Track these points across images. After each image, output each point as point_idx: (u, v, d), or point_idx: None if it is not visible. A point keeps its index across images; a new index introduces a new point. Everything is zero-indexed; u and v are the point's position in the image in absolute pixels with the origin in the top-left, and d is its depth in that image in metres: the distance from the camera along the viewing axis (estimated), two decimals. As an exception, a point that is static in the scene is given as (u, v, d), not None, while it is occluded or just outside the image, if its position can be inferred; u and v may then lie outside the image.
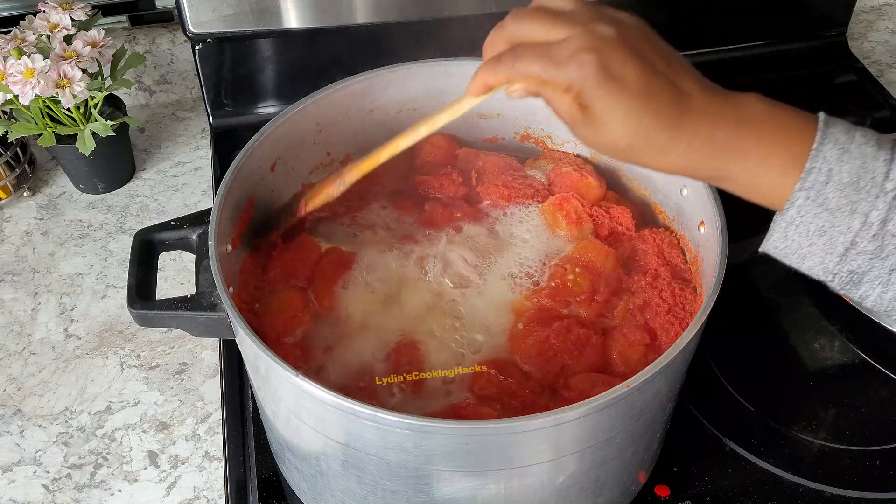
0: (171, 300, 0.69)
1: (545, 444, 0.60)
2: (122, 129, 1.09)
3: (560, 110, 0.57)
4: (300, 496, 0.77)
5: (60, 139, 1.01)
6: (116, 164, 1.12)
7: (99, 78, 1.01)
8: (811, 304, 0.96)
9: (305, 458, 0.69)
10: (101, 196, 1.12)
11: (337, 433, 0.62)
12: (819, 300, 0.96)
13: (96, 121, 1.01)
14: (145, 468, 0.84)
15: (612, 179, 0.86)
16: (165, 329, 0.95)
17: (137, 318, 0.70)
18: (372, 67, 0.83)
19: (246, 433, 0.84)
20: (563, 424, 0.58)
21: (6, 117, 1.05)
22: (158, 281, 0.73)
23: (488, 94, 0.61)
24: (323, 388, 0.58)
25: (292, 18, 1.06)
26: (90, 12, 1.01)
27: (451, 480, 0.62)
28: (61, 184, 1.13)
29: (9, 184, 1.09)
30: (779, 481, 0.80)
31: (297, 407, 0.63)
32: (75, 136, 1.01)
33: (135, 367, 0.93)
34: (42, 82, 0.93)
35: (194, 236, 0.73)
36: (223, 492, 0.82)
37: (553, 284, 0.76)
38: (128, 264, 0.72)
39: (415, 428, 0.57)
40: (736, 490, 0.79)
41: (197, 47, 1.08)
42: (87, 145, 1.00)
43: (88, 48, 0.98)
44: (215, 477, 0.83)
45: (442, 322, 0.74)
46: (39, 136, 1.00)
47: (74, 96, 0.96)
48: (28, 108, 0.98)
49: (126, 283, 0.76)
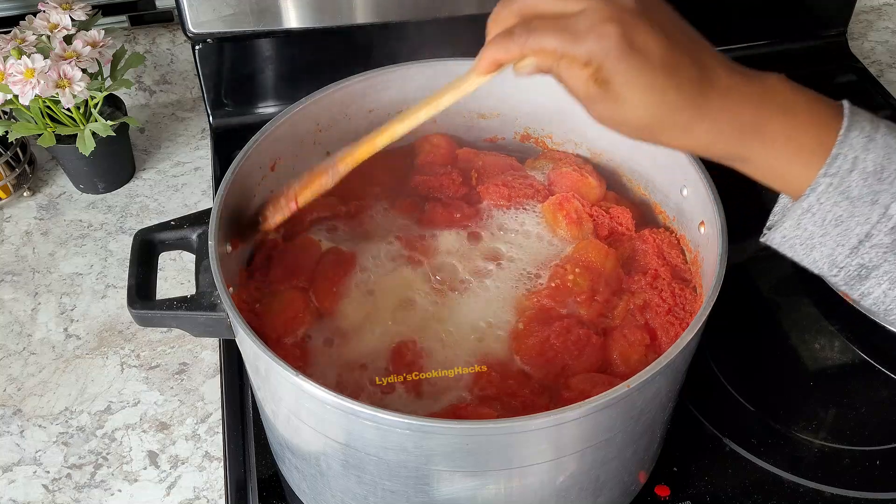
0: (171, 300, 0.69)
1: (545, 444, 0.60)
2: (122, 129, 1.09)
3: (575, 87, 0.55)
4: (300, 496, 0.77)
5: (60, 139, 1.01)
6: (116, 164, 1.12)
7: (99, 78, 1.01)
8: (811, 304, 0.96)
9: (305, 458, 0.69)
10: (101, 196, 1.12)
11: (337, 433, 0.62)
12: (819, 300, 0.96)
13: (96, 121, 1.01)
14: (145, 468, 0.84)
15: (612, 179, 0.86)
16: (165, 329, 0.95)
17: (137, 318, 0.70)
18: (372, 67, 0.83)
19: (246, 433, 0.84)
20: (564, 424, 0.58)
21: (6, 117, 1.05)
22: (158, 281, 0.73)
23: (496, 71, 0.58)
24: (323, 388, 0.58)
25: (292, 18, 1.06)
26: (90, 12, 1.01)
27: (451, 480, 0.62)
28: (61, 184, 1.13)
29: (9, 184, 1.09)
30: (779, 481, 0.80)
31: (297, 407, 0.63)
32: (75, 136, 1.01)
33: (135, 367, 0.93)
34: (42, 82, 0.93)
35: (194, 236, 0.73)
36: (223, 492, 0.82)
37: (553, 284, 0.76)
38: (128, 264, 0.72)
39: (415, 428, 0.57)
40: (736, 490, 0.79)
41: (197, 47, 1.08)
42: (87, 145, 1.00)
43: (88, 48, 0.98)
44: (215, 477, 0.83)
45: (442, 322, 0.74)
46: (39, 136, 1.00)
47: (74, 96, 0.96)
48: (28, 108, 0.98)
49: (126, 283, 0.76)
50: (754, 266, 1.00)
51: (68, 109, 1.00)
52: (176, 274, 1.02)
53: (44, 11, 0.99)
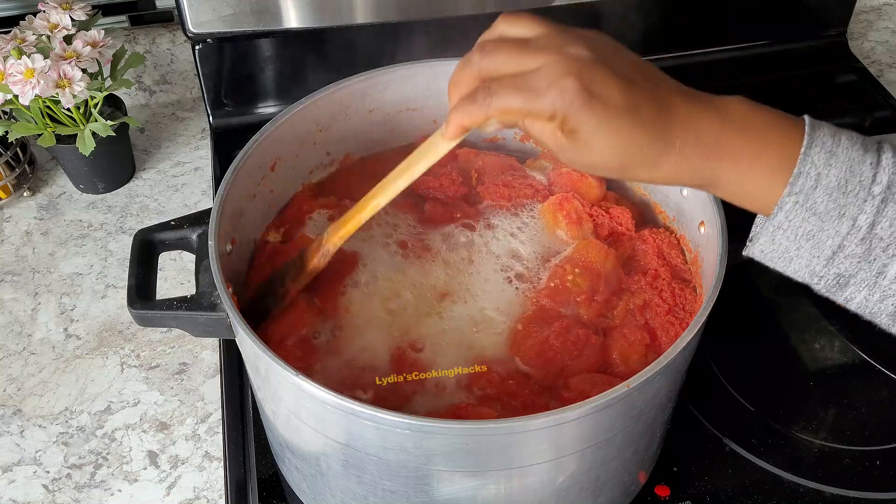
0: (171, 300, 0.69)
1: (545, 444, 0.60)
2: (122, 129, 1.09)
3: (543, 138, 0.56)
4: (300, 496, 0.77)
5: (60, 139, 1.01)
6: (116, 164, 1.12)
7: (99, 78, 1.01)
8: (811, 304, 0.96)
9: (305, 458, 0.69)
10: (101, 196, 1.12)
11: (337, 433, 0.62)
12: (819, 300, 0.94)
13: (96, 121, 1.01)
14: (145, 468, 0.84)
15: (612, 180, 0.86)
16: (165, 329, 0.95)
17: (137, 318, 0.70)
18: (372, 67, 0.83)
19: (246, 433, 0.84)
20: (564, 424, 0.58)
21: (6, 117, 1.05)
22: (158, 281, 0.73)
23: (465, 134, 0.60)
24: (323, 388, 0.58)
25: (292, 18, 1.06)
26: (90, 12, 1.01)
27: (451, 480, 0.62)
28: (61, 184, 1.13)
29: (9, 184, 1.09)
30: (779, 481, 0.80)
31: (297, 407, 0.63)
32: (75, 136, 1.01)
33: (135, 367, 0.93)
34: (42, 82, 0.93)
35: (194, 236, 0.73)
36: (223, 492, 0.82)
37: (553, 284, 0.76)
38: (128, 264, 0.72)
39: (415, 428, 0.57)
40: (736, 490, 0.79)
41: (197, 47, 1.08)
42: (87, 145, 1.00)
43: (88, 48, 0.98)
44: (215, 477, 0.83)
45: (442, 322, 0.74)
46: (39, 136, 1.00)
47: (74, 96, 0.96)
48: (28, 108, 0.98)
49: (126, 283, 0.76)
50: (754, 266, 0.98)
51: (68, 109, 1.00)
52: (176, 274, 1.02)
53: (44, 11, 0.99)
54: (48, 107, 0.99)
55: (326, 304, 0.75)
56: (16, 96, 0.95)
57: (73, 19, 0.99)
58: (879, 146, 0.55)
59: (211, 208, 0.70)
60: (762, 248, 0.58)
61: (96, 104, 1.01)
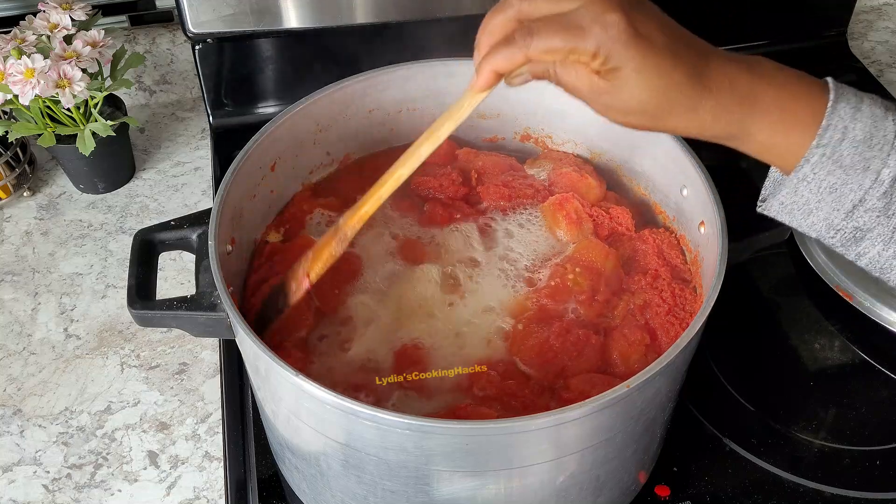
0: (171, 300, 0.69)
1: (545, 444, 0.60)
2: (122, 129, 1.09)
3: (578, 83, 0.55)
4: (300, 496, 0.77)
5: (60, 139, 1.01)
6: (116, 164, 1.12)
7: (99, 78, 1.01)
8: (811, 304, 0.96)
9: (305, 458, 0.69)
10: (101, 196, 1.12)
11: (337, 433, 0.62)
12: (819, 300, 0.96)
13: (96, 121, 1.01)
14: (145, 468, 0.84)
15: (612, 179, 0.86)
16: (165, 329, 0.95)
17: (137, 318, 0.70)
18: (372, 67, 0.83)
19: (246, 433, 0.84)
20: (564, 424, 0.58)
21: (6, 117, 1.05)
22: (158, 281, 0.73)
23: (496, 84, 0.58)
24: (323, 388, 0.58)
25: (292, 18, 1.06)
26: (90, 12, 1.01)
27: (451, 480, 0.62)
28: (61, 184, 1.13)
29: (9, 184, 1.09)
30: (779, 481, 0.80)
31: (297, 407, 0.63)
32: (75, 136, 1.01)
33: (135, 367, 0.93)
34: (42, 82, 0.93)
35: (194, 236, 0.73)
36: (223, 492, 0.82)
37: (553, 284, 0.76)
38: (128, 264, 0.72)
39: (415, 428, 0.57)
40: (736, 490, 0.79)
41: (197, 47, 1.08)
42: (87, 145, 1.00)
43: (88, 48, 0.98)
44: (215, 477, 0.83)
45: (442, 322, 0.74)
46: (39, 136, 1.00)
47: (74, 96, 0.96)
48: (28, 108, 0.98)
49: (126, 283, 0.76)
50: (754, 266, 1.00)
51: (68, 109, 1.00)
52: (176, 274, 1.02)
53: (44, 11, 0.99)
54: (48, 107, 0.99)
55: (326, 304, 0.75)
56: (16, 96, 0.95)
57: (73, 19, 0.99)
58: None
59: (211, 208, 0.70)
60: (783, 200, 0.58)
61: (96, 104, 1.01)
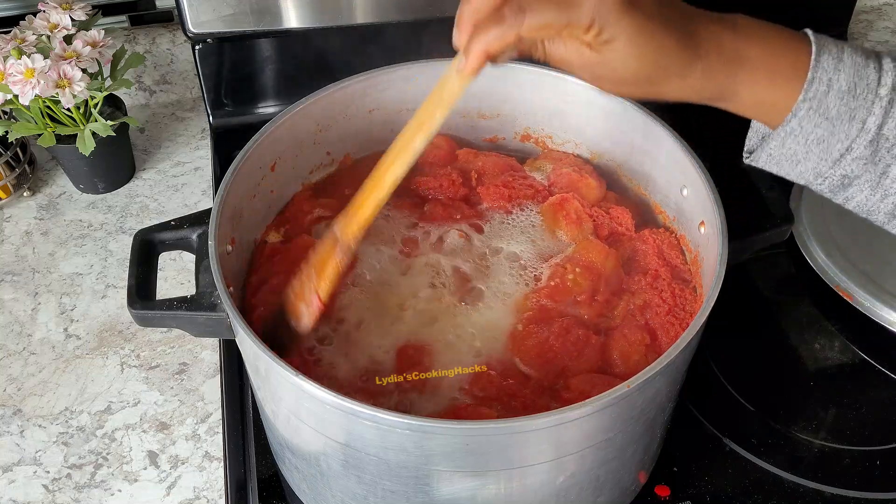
0: (171, 300, 0.69)
1: (545, 444, 0.60)
2: (122, 129, 1.09)
3: (569, 57, 0.56)
4: (300, 496, 0.77)
5: (60, 139, 1.01)
6: (116, 164, 1.12)
7: (99, 78, 1.01)
8: (811, 304, 0.96)
9: (305, 458, 0.69)
10: (101, 196, 1.12)
11: (337, 433, 0.62)
12: (819, 300, 0.96)
13: (96, 121, 1.01)
14: (145, 468, 0.84)
15: (612, 180, 0.86)
16: (165, 329, 0.95)
17: (137, 318, 0.70)
18: (372, 67, 0.83)
19: (246, 433, 0.84)
20: (564, 424, 0.58)
21: (6, 117, 1.05)
22: (158, 281, 0.73)
23: (484, 66, 0.57)
24: (323, 388, 0.58)
25: (292, 18, 1.06)
26: (90, 12, 1.01)
27: (451, 480, 0.62)
28: (61, 184, 1.13)
29: (9, 184, 1.09)
30: (779, 481, 0.80)
31: (297, 407, 0.63)
32: (75, 136, 1.01)
33: (135, 367, 0.93)
34: (42, 82, 0.93)
35: (194, 236, 0.73)
36: (223, 492, 0.82)
37: (553, 284, 0.76)
38: (128, 264, 0.72)
39: (415, 428, 0.57)
40: (736, 490, 0.79)
41: (197, 47, 1.08)
42: (87, 145, 1.00)
43: (88, 48, 0.98)
44: (215, 477, 0.83)
45: (442, 322, 0.74)
46: (39, 136, 1.00)
47: (74, 96, 0.96)
48: (28, 108, 0.98)
49: (126, 283, 0.76)
50: (754, 266, 1.00)
51: (68, 109, 1.00)
52: (176, 274, 1.02)
53: (44, 11, 0.99)
54: (48, 107, 0.99)
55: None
56: (16, 96, 0.95)
57: (73, 19, 0.99)
58: (877, 53, 0.57)
59: (211, 208, 0.70)
60: (770, 153, 0.59)
61: (96, 104, 1.01)
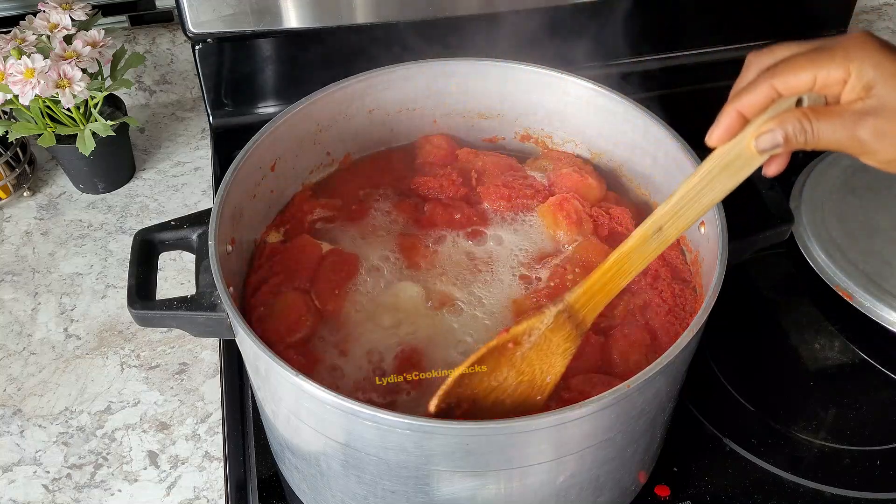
0: (171, 300, 0.69)
1: (546, 444, 0.60)
2: (122, 129, 1.09)
3: (839, 133, 0.54)
4: (300, 496, 0.77)
5: (60, 139, 1.01)
6: (116, 164, 1.12)
7: (99, 78, 1.01)
8: (811, 304, 0.96)
9: (305, 458, 0.69)
10: (101, 196, 1.12)
11: (337, 433, 0.62)
12: (819, 300, 0.96)
13: (96, 121, 1.01)
14: (145, 468, 0.84)
15: (612, 180, 0.86)
16: (165, 329, 0.95)
17: (137, 318, 0.70)
18: (372, 67, 0.83)
19: (246, 433, 0.84)
20: (564, 425, 0.58)
21: (6, 117, 1.05)
22: (158, 281, 0.73)
23: (737, 132, 0.56)
24: (323, 388, 0.58)
25: (292, 18, 1.06)
26: (90, 12, 1.01)
27: (451, 480, 0.62)
28: (61, 184, 1.13)
29: (9, 184, 1.09)
30: (779, 481, 0.80)
31: (297, 407, 0.63)
32: (75, 136, 1.01)
33: (135, 367, 0.93)
34: (42, 82, 0.93)
35: (194, 236, 0.73)
36: (223, 492, 0.82)
37: (553, 284, 0.76)
38: (128, 264, 0.72)
39: (415, 428, 0.57)
40: (736, 490, 0.79)
41: (197, 47, 1.08)
42: (87, 145, 1.00)
43: (88, 48, 0.98)
44: (215, 477, 0.83)
45: (442, 322, 0.74)
46: (39, 136, 1.00)
47: (74, 96, 0.96)
48: (28, 108, 0.98)
49: (126, 283, 0.76)
50: (754, 266, 1.00)
51: (68, 109, 1.00)
52: (176, 274, 1.02)
53: (44, 11, 0.99)
54: (48, 107, 0.99)
55: (326, 304, 0.75)
56: (16, 96, 0.95)
57: (73, 19, 0.99)
58: None
59: (211, 208, 0.70)
60: None
61: (96, 104, 1.01)
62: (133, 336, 0.96)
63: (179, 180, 1.14)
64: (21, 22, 1.01)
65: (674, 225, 0.61)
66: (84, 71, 0.97)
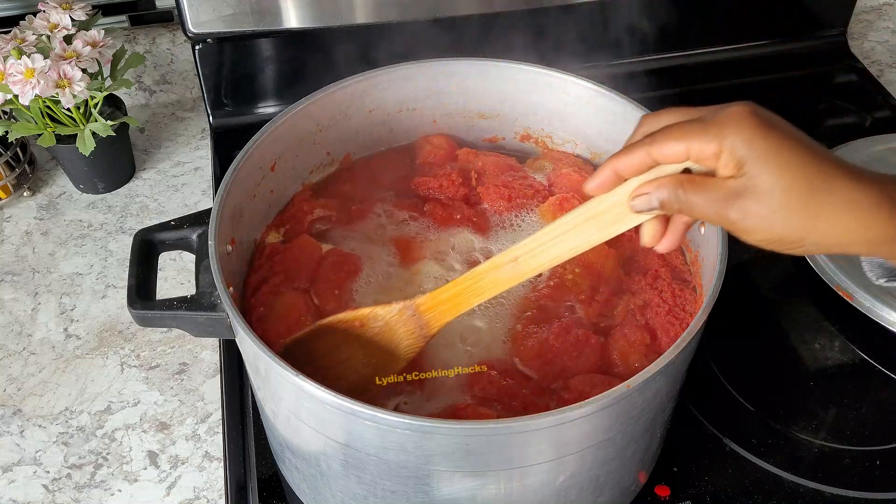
0: (171, 300, 0.69)
1: (545, 444, 0.60)
2: (122, 129, 1.09)
3: (709, 208, 0.52)
4: (300, 496, 0.77)
5: (60, 139, 1.01)
6: (116, 164, 1.12)
7: (99, 78, 1.01)
8: (811, 304, 0.96)
9: (305, 458, 0.69)
10: (101, 196, 1.12)
11: (337, 433, 0.62)
12: (819, 300, 0.96)
13: (96, 121, 1.01)
14: (145, 468, 0.84)
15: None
16: (165, 329, 0.95)
17: (137, 318, 0.70)
18: (372, 67, 0.83)
19: (246, 433, 0.84)
20: (564, 424, 0.58)
21: (6, 117, 1.05)
22: (158, 281, 0.73)
23: (611, 187, 0.56)
24: (323, 388, 0.58)
25: (292, 18, 1.06)
26: (90, 12, 1.01)
27: (451, 480, 0.62)
28: (61, 184, 1.13)
29: (9, 184, 1.09)
30: (779, 481, 0.80)
31: (297, 407, 0.63)
32: (75, 136, 1.01)
33: (135, 367, 0.93)
34: (42, 82, 0.93)
35: (194, 236, 0.73)
36: (223, 492, 0.82)
37: (553, 284, 0.76)
38: (128, 264, 0.72)
39: (415, 428, 0.57)
40: (736, 490, 0.79)
41: (197, 47, 1.08)
42: (87, 145, 1.00)
43: (88, 48, 0.98)
44: (215, 477, 0.83)
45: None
46: (39, 136, 1.00)
47: (74, 96, 0.96)
48: (28, 108, 0.98)
49: (126, 283, 0.76)
50: (754, 266, 1.00)
51: (68, 109, 1.00)
52: (176, 274, 1.02)
53: (44, 11, 0.99)
54: (48, 107, 0.99)
55: (326, 305, 0.75)
56: (16, 96, 0.95)
57: (73, 19, 0.99)
58: None
59: (211, 208, 0.70)
60: None
61: (96, 104, 1.01)
62: (133, 336, 0.96)
63: (179, 180, 1.14)
64: (21, 22, 1.01)
65: (531, 259, 0.62)
66: (84, 71, 0.97)
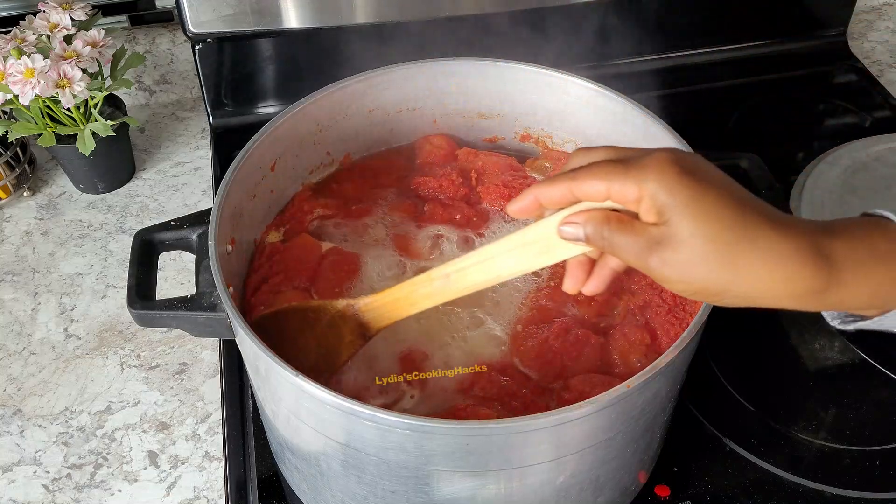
0: (171, 300, 0.69)
1: (545, 444, 0.60)
2: (122, 129, 1.09)
3: (629, 252, 0.51)
4: (300, 496, 0.77)
5: (60, 139, 1.01)
6: (116, 164, 1.12)
7: (99, 78, 1.01)
8: (811, 304, 0.96)
9: (305, 458, 0.69)
10: (101, 196, 1.12)
11: (337, 433, 0.62)
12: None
13: (96, 121, 1.01)
14: (145, 468, 0.84)
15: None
16: (165, 329, 0.95)
17: (137, 318, 0.70)
18: (372, 67, 0.83)
19: (246, 433, 0.84)
20: (564, 425, 0.58)
21: (6, 117, 1.05)
22: (158, 281, 0.73)
23: (533, 214, 0.55)
24: (323, 388, 0.58)
25: (292, 18, 1.06)
26: (90, 12, 1.02)
27: (451, 480, 0.62)
28: (61, 184, 1.13)
29: (9, 184, 1.09)
30: (779, 481, 0.80)
31: (297, 407, 0.63)
32: (75, 136, 1.01)
33: (135, 367, 0.93)
34: (42, 82, 0.93)
35: (194, 236, 0.73)
36: (223, 492, 0.82)
37: (553, 284, 0.76)
38: (128, 264, 0.72)
39: (415, 428, 0.57)
40: (736, 490, 0.79)
41: (197, 47, 1.08)
42: (87, 145, 1.00)
43: (88, 48, 0.98)
44: (215, 477, 0.83)
45: (442, 323, 0.74)
46: (39, 136, 1.00)
47: (74, 96, 0.96)
48: (28, 108, 0.98)
49: (126, 283, 0.76)
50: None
51: (68, 109, 1.00)
52: (176, 274, 1.02)
53: (44, 11, 0.99)
54: (48, 107, 0.99)
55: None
56: (16, 96, 0.95)
57: (73, 19, 0.99)
58: None
59: (211, 208, 0.70)
60: (885, 324, 0.56)
61: (96, 104, 1.01)
62: (133, 336, 0.96)
63: (179, 180, 1.14)
64: (21, 22, 1.01)
65: (462, 278, 0.61)
66: (84, 71, 0.97)
